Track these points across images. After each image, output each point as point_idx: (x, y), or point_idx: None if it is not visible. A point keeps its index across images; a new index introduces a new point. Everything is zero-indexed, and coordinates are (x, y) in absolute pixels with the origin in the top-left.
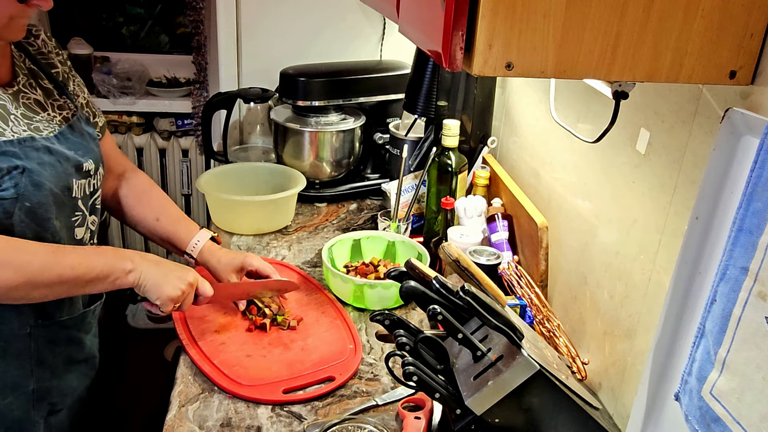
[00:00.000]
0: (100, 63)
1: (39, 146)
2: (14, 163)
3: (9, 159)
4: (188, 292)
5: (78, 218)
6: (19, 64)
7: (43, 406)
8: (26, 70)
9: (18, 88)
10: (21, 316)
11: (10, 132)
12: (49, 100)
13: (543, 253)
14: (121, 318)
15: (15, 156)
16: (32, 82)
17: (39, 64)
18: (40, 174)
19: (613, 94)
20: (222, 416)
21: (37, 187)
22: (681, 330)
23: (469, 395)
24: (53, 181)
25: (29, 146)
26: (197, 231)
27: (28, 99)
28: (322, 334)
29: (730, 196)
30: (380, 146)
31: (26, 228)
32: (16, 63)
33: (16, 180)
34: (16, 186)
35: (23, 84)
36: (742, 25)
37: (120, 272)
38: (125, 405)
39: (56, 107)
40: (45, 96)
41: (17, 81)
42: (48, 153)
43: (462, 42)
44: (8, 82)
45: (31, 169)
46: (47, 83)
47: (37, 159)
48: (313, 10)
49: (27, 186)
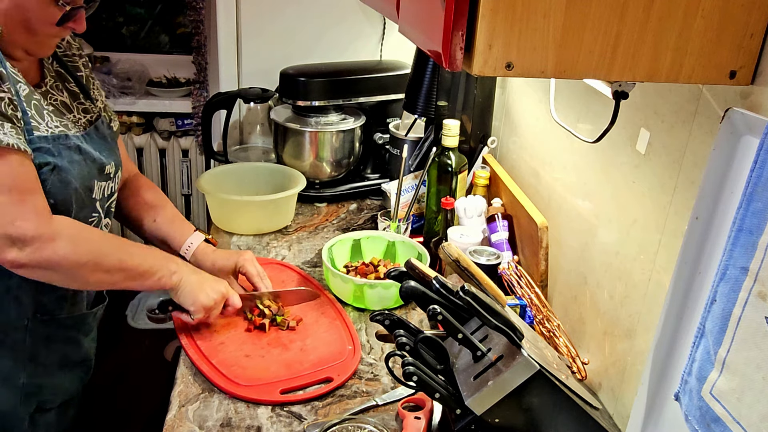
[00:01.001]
0: (100, 63)
1: (71, 144)
2: (46, 160)
3: (42, 155)
4: (220, 302)
5: (95, 219)
6: (47, 66)
7: (31, 402)
8: (53, 72)
9: (46, 89)
10: (20, 307)
11: (45, 127)
12: (75, 102)
13: (543, 253)
14: (121, 318)
15: (48, 153)
16: (59, 85)
17: (65, 66)
18: (69, 172)
19: (613, 94)
20: (222, 416)
21: (64, 184)
22: (681, 330)
23: (469, 395)
24: (79, 181)
25: (62, 144)
26: (191, 232)
27: (55, 100)
28: (321, 335)
29: (730, 196)
30: (380, 146)
31: None
32: (44, 65)
33: (45, 176)
34: (44, 182)
35: (50, 86)
36: (742, 25)
37: (167, 271)
38: (125, 405)
39: (81, 110)
40: (71, 98)
41: (45, 82)
42: (78, 152)
43: (462, 42)
44: (37, 83)
45: (61, 166)
46: (73, 86)
47: (68, 157)
48: (313, 11)
49: (55, 183)
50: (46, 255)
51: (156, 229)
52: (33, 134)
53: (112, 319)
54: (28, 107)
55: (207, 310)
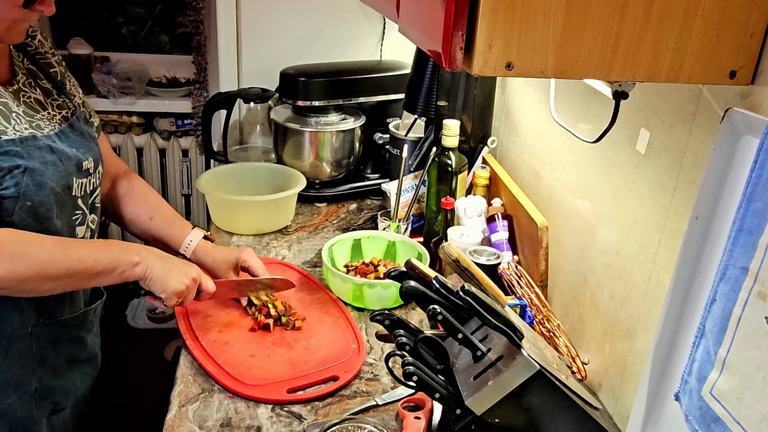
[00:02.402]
0: (100, 63)
1: (41, 145)
2: (16, 163)
3: (11, 158)
4: (192, 286)
5: (78, 217)
6: (18, 64)
7: (46, 405)
8: (25, 69)
9: (18, 87)
10: (22, 315)
11: (12, 130)
12: (49, 99)
13: (543, 253)
14: (121, 318)
15: (17, 155)
16: (31, 82)
17: (37, 63)
18: (43, 173)
19: (613, 94)
20: (222, 416)
21: (38, 186)
22: (681, 330)
23: (469, 395)
24: (55, 180)
25: (32, 145)
26: (190, 231)
27: (28, 98)
28: (326, 334)
29: (730, 196)
30: (380, 146)
31: (27, 227)
32: (15, 63)
33: (17, 179)
34: (17, 185)
35: (23, 83)
36: (742, 25)
37: (127, 265)
38: (125, 405)
39: (56, 106)
40: (44, 95)
41: (17, 80)
42: (50, 152)
43: (462, 42)
44: (8, 81)
45: (33, 168)
46: (46, 83)
47: (40, 158)
48: (313, 10)
49: (29, 185)
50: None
51: (153, 228)
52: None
53: (112, 319)
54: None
55: (179, 295)
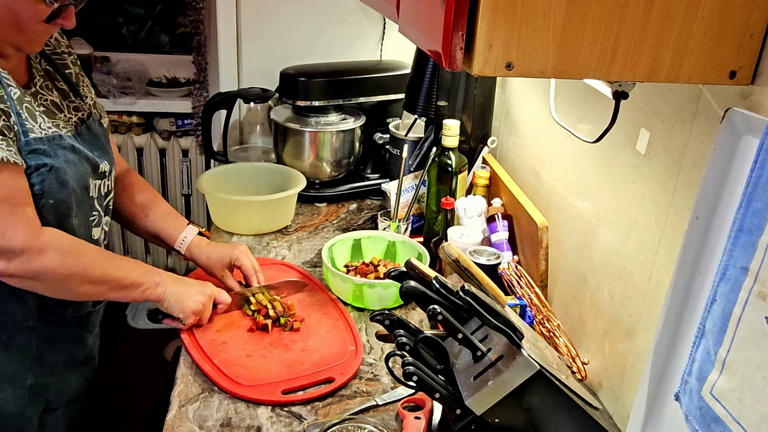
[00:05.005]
0: (100, 63)
1: (66, 144)
2: (43, 161)
3: (38, 157)
4: (208, 303)
5: (95, 218)
6: (35, 66)
7: (40, 402)
8: (42, 71)
9: (36, 90)
10: (25, 308)
11: (38, 129)
12: (65, 101)
13: (543, 253)
14: (121, 318)
15: (45, 154)
16: (48, 84)
17: (54, 65)
18: (66, 172)
19: (613, 94)
20: (222, 416)
21: (61, 184)
22: (681, 330)
23: (469, 395)
24: (75, 180)
25: (57, 144)
26: (185, 227)
27: (45, 100)
28: (324, 335)
29: (730, 196)
30: (380, 146)
31: (48, 224)
32: (32, 65)
33: (43, 177)
34: (42, 182)
35: (40, 86)
36: (742, 25)
37: (151, 283)
38: (125, 405)
39: (72, 108)
40: (61, 97)
41: (34, 83)
42: (73, 152)
43: (462, 42)
44: (26, 84)
45: (58, 167)
46: (62, 85)
47: (64, 157)
48: (313, 11)
49: (52, 183)
50: (34, 266)
51: (149, 224)
52: (29, 136)
53: (112, 319)
54: (20, 110)
55: (196, 314)
